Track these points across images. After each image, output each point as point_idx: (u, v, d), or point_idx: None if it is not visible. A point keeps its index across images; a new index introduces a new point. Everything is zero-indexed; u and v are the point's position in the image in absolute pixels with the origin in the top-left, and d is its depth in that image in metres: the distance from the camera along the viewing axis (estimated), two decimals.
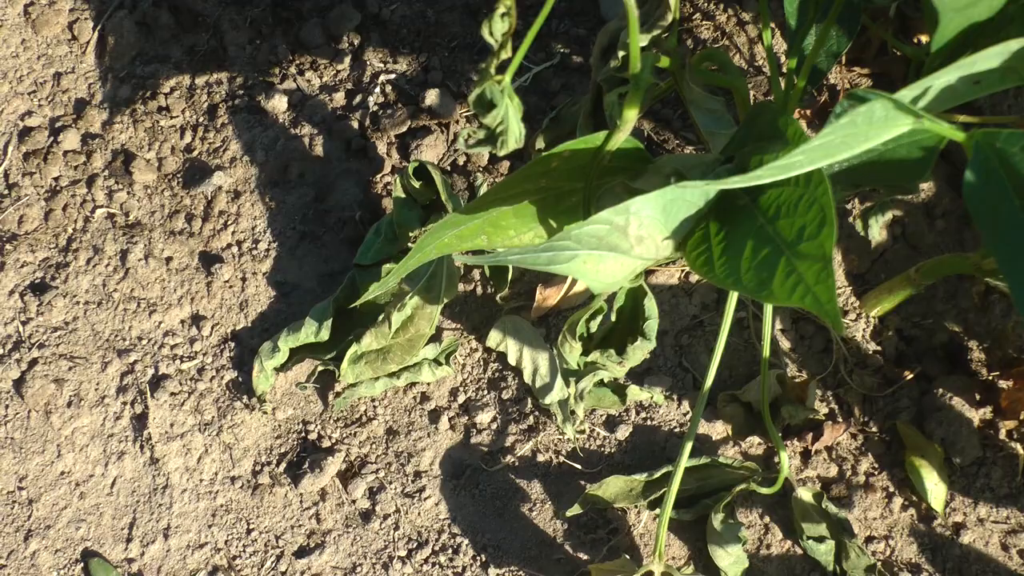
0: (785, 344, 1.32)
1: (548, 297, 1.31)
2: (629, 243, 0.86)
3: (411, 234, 1.30)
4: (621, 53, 1.05)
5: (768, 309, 1.21)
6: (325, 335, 1.26)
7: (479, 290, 1.34)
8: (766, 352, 1.21)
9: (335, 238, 1.35)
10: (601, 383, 1.24)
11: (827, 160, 0.77)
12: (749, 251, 0.85)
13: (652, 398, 1.24)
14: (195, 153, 1.38)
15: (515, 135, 0.90)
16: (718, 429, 1.30)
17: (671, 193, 0.85)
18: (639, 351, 1.17)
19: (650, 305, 1.17)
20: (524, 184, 0.96)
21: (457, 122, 1.37)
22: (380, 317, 1.24)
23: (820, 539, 1.25)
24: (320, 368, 1.28)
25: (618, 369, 1.19)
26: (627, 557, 1.23)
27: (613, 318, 1.18)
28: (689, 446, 1.16)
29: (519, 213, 0.96)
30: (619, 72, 1.06)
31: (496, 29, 0.82)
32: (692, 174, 0.98)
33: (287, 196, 1.36)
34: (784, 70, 1.29)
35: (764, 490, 1.25)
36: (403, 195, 1.29)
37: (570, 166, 0.96)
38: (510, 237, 0.97)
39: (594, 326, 1.17)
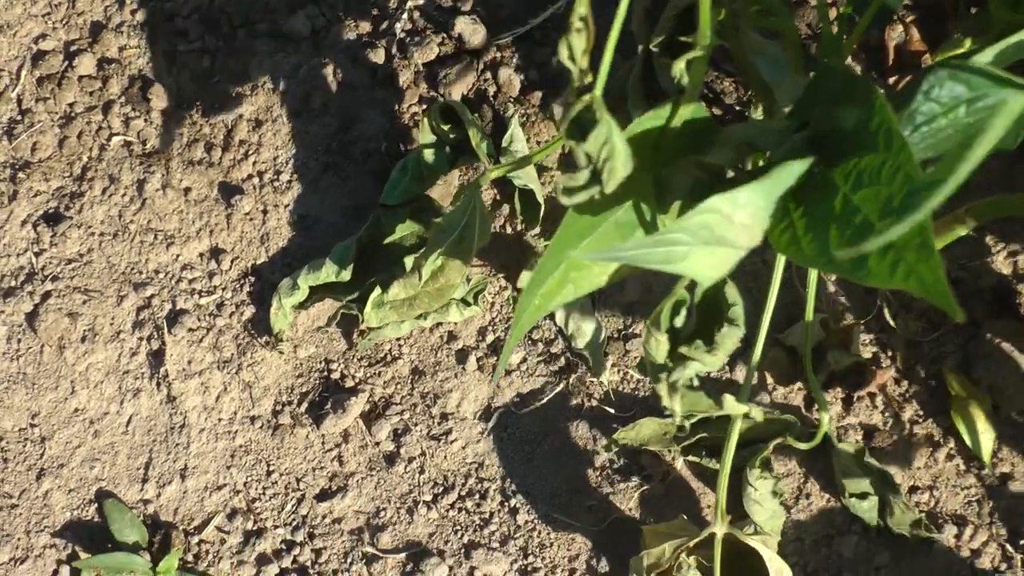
0: (827, 286, 1.30)
1: None
2: (735, 232, 0.81)
3: (439, 175, 1.28)
4: (671, 13, 1.01)
5: None
6: (347, 275, 1.25)
7: (509, 227, 1.32)
8: (811, 299, 1.19)
9: (359, 170, 1.33)
10: (691, 385, 1.18)
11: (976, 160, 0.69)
12: (835, 226, 0.79)
13: (749, 413, 1.21)
14: (214, 80, 1.36)
15: (623, 158, 0.81)
16: (754, 376, 1.25)
17: (776, 176, 0.80)
18: (728, 339, 1.09)
19: (731, 291, 1.09)
20: (597, 205, 0.90)
21: (488, 51, 1.33)
22: (409, 265, 1.23)
23: (863, 496, 1.23)
24: (342, 311, 1.28)
25: (710, 359, 1.12)
26: (684, 517, 1.21)
27: (696, 302, 1.14)
28: (746, 394, 1.14)
29: (600, 243, 0.91)
30: (674, 34, 1.02)
31: (576, 47, 0.75)
32: (763, 142, 0.93)
33: (310, 126, 1.34)
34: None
35: (802, 445, 1.23)
36: (431, 136, 1.27)
37: (639, 149, 0.89)
38: (596, 275, 0.91)
39: (679, 320, 1.13)
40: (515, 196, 1.28)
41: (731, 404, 1.17)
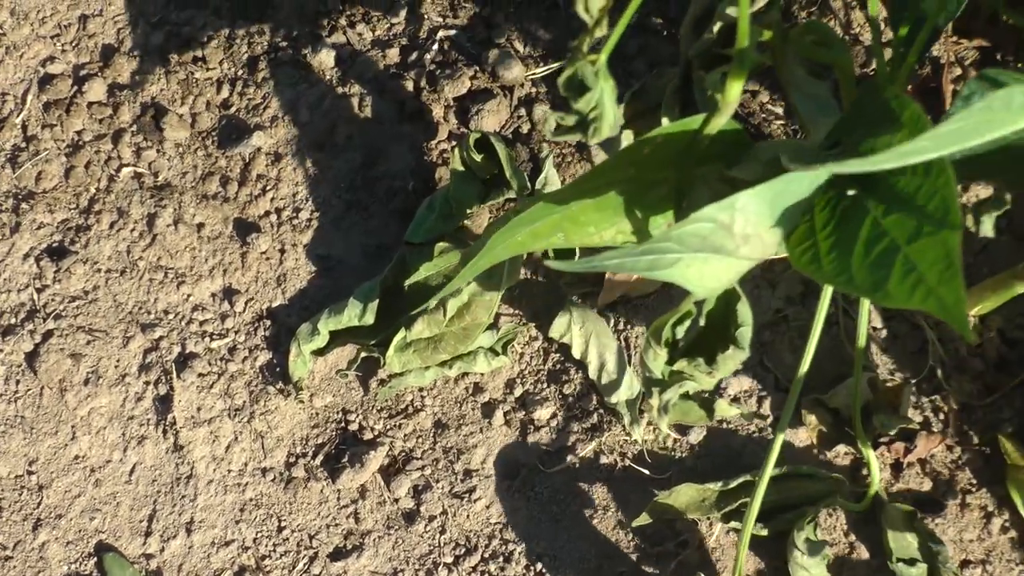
0: (876, 344, 1.28)
1: (618, 284, 1.29)
2: (735, 242, 0.83)
3: (468, 211, 1.28)
4: (717, 24, 1.02)
5: (864, 306, 1.17)
6: (370, 319, 1.24)
7: (541, 274, 1.31)
8: (860, 352, 1.18)
9: (384, 209, 1.32)
10: (687, 395, 1.21)
11: (956, 147, 0.73)
12: (861, 247, 0.81)
13: (742, 414, 1.21)
14: (232, 110, 1.36)
15: (610, 121, 0.88)
16: (801, 436, 1.27)
17: (779, 184, 0.81)
18: (731, 361, 1.12)
19: (743, 310, 1.10)
20: (611, 174, 0.93)
21: (522, 85, 1.33)
22: (434, 303, 1.22)
23: (911, 561, 1.21)
24: (363, 355, 1.27)
25: (707, 380, 1.14)
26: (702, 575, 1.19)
27: (702, 323, 1.14)
28: (775, 455, 1.14)
29: (601, 207, 0.93)
30: (717, 46, 1.03)
31: (593, 3, 0.79)
32: (795, 161, 0.93)
33: (333, 161, 1.33)
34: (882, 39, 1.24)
35: (852, 506, 1.22)
36: (461, 168, 1.27)
37: (663, 153, 0.93)
38: (590, 234, 0.94)
39: (681, 331, 1.13)
40: None
41: (723, 409, 1.19)
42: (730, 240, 0.82)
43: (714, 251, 0.83)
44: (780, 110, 1.32)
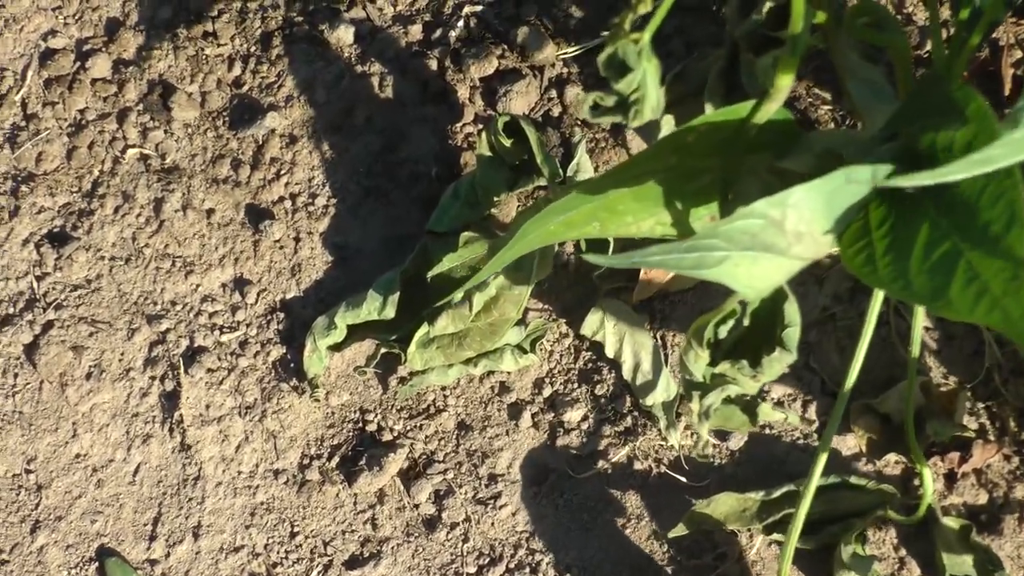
0: (929, 345, 1.26)
1: (654, 278, 1.27)
2: (786, 241, 0.81)
3: (496, 199, 1.26)
4: (768, 5, 1.00)
5: (919, 308, 1.15)
6: (390, 312, 1.22)
7: (572, 266, 1.29)
8: (914, 355, 1.16)
9: (405, 196, 1.31)
10: (728, 399, 1.18)
11: None
12: (920, 250, 0.79)
13: (787, 419, 1.18)
14: (245, 88, 1.34)
15: (652, 104, 0.89)
16: (849, 443, 1.25)
17: (836, 180, 0.79)
18: (776, 364, 1.10)
19: (791, 310, 1.09)
20: (651, 162, 0.92)
21: (553, 65, 1.31)
22: (459, 296, 1.21)
23: None
24: (383, 351, 1.25)
25: (750, 384, 1.12)
26: None
27: (746, 323, 1.11)
28: (821, 464, 1.12)
29: (639, 196, 0.93)
30: (766, 28, 1.01)
31: None
32: (848, 153, 0.93)
33: (351, 144, 1.32)
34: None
35: (903, 519, 1.20)
36: (488, 153, 1.25)
37: (708, 141, 0.92)
38: (627, 224, 0.94)
39: (724, 331, 1.11)
40: None
41: (767, 413, 1.18)
42: (782, 238, 0.80)
43: (764, 250, 0.81)
44: (828, 95, 1.29)
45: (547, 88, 1.31)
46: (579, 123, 1.30)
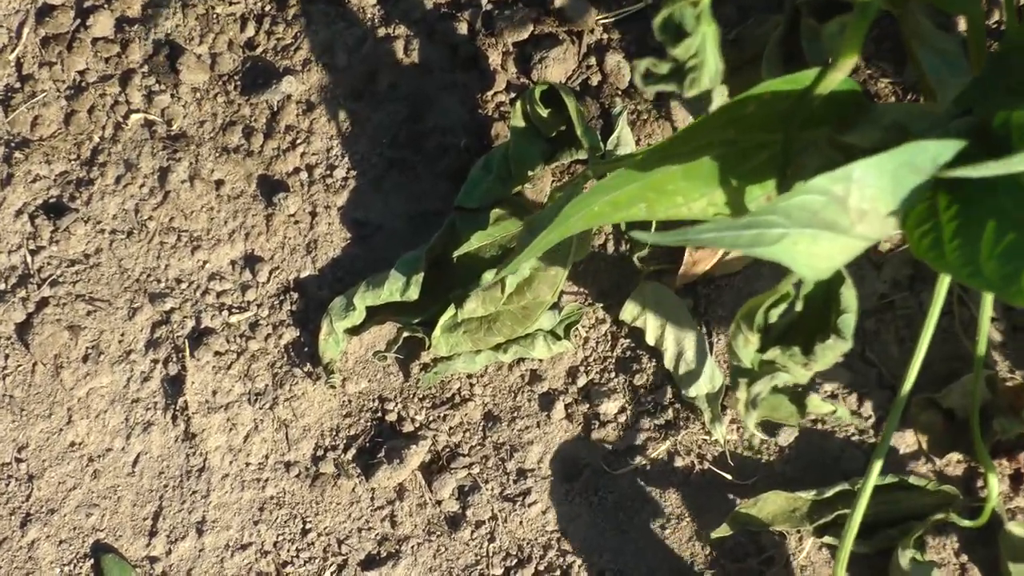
0: (995, 337, 1.24)
1: (699, 260, 1.26)
2: (849, 219, 0.80)
3: (530, 173, 1.24)
4: None
5: (987, 296, 1.13)
6: (414, 293, 1.22)
7: (611, 246, 1.29)
8: (981, 347, 1.14)
9: (431, 169, 1.30)
10: (777, 389, 1.16)
11: None
12: (990, 234, 0.79)
13: (836, 412, 1.17)
14: (259, 50, 1.33)
15: (711, 72, 0.89)
16: (908, 440, 1.24)
17: (903, 155, 0.78)
18: (830, 352, 1.07)
19: (848, 295, 1.06)
20: (705, 135, 0.91)
21: (592, 31, 1.29)
22: (490, 277, 1.20)
23: None
24: (405, 335, 1.25)
25: (802, 372, 1.10)
26: None
27: (799, 307, 1.09)
28: (879, 462, 1.11)
29: (690, 174, 0.92)
30: None
31: None
32: (917, 128, 0.93)
33: (373, 113, 1.31)
34: None
35: (966, 522, 1.18)
36: (523, 124, 1.23)
37: (767, 113, 0.91)
38: (677, 205, 0.93)
39: (775, 316, 1.09)
40: None
41: (816, 405, 1.16)
42: (844, 216, 0.80)
43: (825, 228, 0.81)
44: (889, 66, 1.28)
45: (586, 55, 1.30)
46: (620, 93, 1.29)
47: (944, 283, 1.09)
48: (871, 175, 0.77)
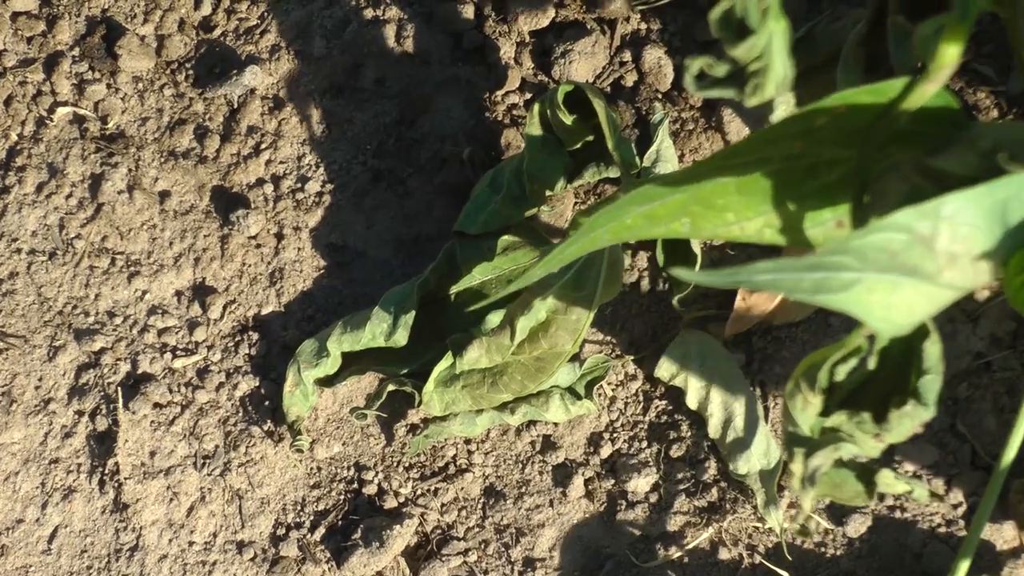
0: None
1: (754, 305, 1.21)
2: (936, 263, 0.79)
3: (548, 193, 1.22)
4: None
5: None
6: (402, 338, 1.18)
7: (645, 284, 1.24)
8: None
9: (426, 184, 1.28)
10: (841, 462, 1.13)
11: None
12: None
13: (914, 493, 1.13)
14: (216, 34, 1.31)
15: (777, 77, 0.87)
16: (1006, 534, 1.17)
17: (1005, 188, 0.78)
18: (907, 420, 1.03)
19: (932, 351, 1.03)
20: (766, 149, 0.90)
21: (627, 20, 1.27)
22: (497, 320, 1.19)
23: None
24: (390, 388, 1.21)
25: (871, 444, 1.06)
26: None
27: (872, 364, 1.06)
28: (967, 560, 1.06)
29: (745, 188, 0.90)
30: None
31: None
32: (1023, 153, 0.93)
33: (356, 113, 1.29)
34: None
35: None
36: (541, 132, 1.20)
37: (842, 127, 0.90)
38: (727, 223, 0.92)
39: (843, 374, 1.06)
40: (659, 240, 1.22)
41: (889, 482, 1.13)
42: (930, 260, 0.78)
43: (907, 274, 0.79)
44: (990, 72, 1.24)
45: (619, 49, 1.28)
46: (660, 97, 1.26)
47: None
48: (966, 211, 0.76)
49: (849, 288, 0.78)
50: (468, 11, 1.29)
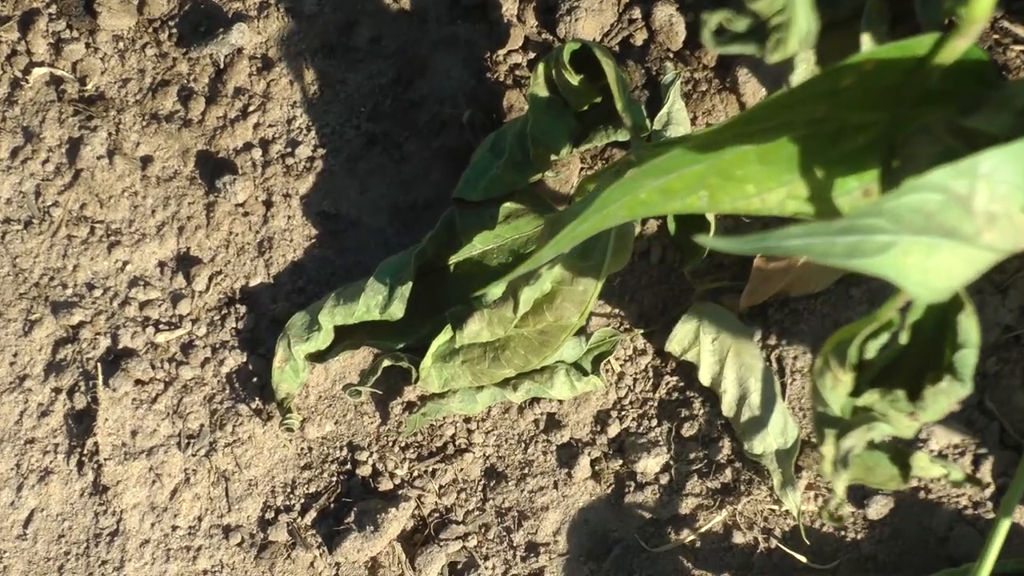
0: None
1: (772, 276, 1.19)
2: (974, 224, 0.78)
3: (553, 157, 1.21)
4: None
5: None
6: (398, 310, 1.17)
7: (655, 255, 1.23)
8: None
9: (424, 148, 1.27)
10: (873, 444, 1.11)
11: None
12: None
13: (950, 476, 1.11)
14: None
15: (800, 33, 0.89)
16: None
17: None
18: (943, 397, 1.01)
19: (967, 324, 1.01)
20: (787, 112, 0.88)
21: None
22: (499, 291, 1.17)
23: None
24: (385, 363, 1.21)
25: (905, 424, 1.04)
26: None
27: (905, 339, 1.04)
28: (997, 544, 1.05)
29: (767, 157, 0.89)
30: None
31: None
32: None
33: (349, 74, 1.28)
34: None
35: None
36: (546, 93, 1.20)
37: (870, 87, 0.89)
38: (747, 195, 0.91)
39: (873, 349, 1.03)
40: None
41: (925, 466, 1.11)
42: (968, 221, 0.77)
43: (944, 235, 0.79)
44: (1022, 30, 1.20)
45: (628, 5, 1.26)
46: (672, 56, 1.24)
47: None
48: (1004, 169, 0.76)
49: (884, 251, 0.78)
50: None
